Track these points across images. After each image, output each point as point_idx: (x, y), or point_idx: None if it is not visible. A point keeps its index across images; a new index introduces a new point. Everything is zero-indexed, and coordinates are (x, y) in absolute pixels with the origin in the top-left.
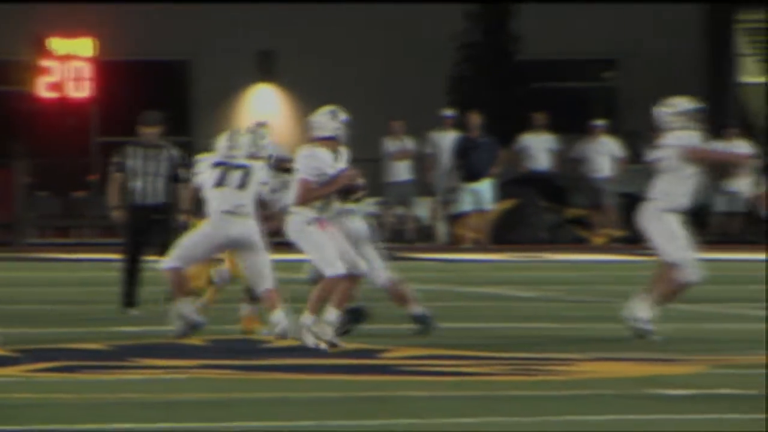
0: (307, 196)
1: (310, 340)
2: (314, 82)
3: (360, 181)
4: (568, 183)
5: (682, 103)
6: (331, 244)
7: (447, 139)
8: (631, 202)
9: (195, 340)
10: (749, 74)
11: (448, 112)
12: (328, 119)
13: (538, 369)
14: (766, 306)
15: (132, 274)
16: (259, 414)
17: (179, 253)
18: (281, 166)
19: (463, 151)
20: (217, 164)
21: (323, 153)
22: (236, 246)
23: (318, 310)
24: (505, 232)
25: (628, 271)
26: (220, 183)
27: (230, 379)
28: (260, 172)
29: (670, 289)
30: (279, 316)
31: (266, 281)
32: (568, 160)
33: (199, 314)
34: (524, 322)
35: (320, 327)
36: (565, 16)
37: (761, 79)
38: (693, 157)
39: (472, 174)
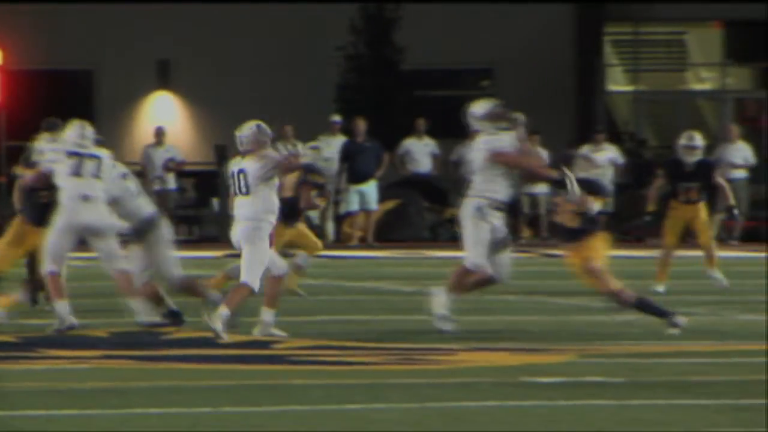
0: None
1: (219, 328)
2: (210, 89)
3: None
4: (448, 185)
5: (485, 107)
6: (267, 259)
7: (335, 144)
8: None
9: (98, 332)
10: (616, 83)
11: (336, 118)
12: (255, 133)
13: (420, 358)
14: None
15: (37, 272)
16: (157, 401)
17: (49, 256)
18: (179, 168)
19: (349, 154)
20: (71, 154)
21: None
22: (89, 233)
23: (236, 310)
24: (389, 231)
25: None
26: (76, 172)
27: (130, 368)
28: (109, 161)
29: (471, 280)
30: (138, 305)
31: (118, 264)
32: (448, 163)
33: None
34: (406, 315)
35: (265, 328)
36: (445, 29)
37: (627, 88)
38: (496, 160)
39: (358, 176)
